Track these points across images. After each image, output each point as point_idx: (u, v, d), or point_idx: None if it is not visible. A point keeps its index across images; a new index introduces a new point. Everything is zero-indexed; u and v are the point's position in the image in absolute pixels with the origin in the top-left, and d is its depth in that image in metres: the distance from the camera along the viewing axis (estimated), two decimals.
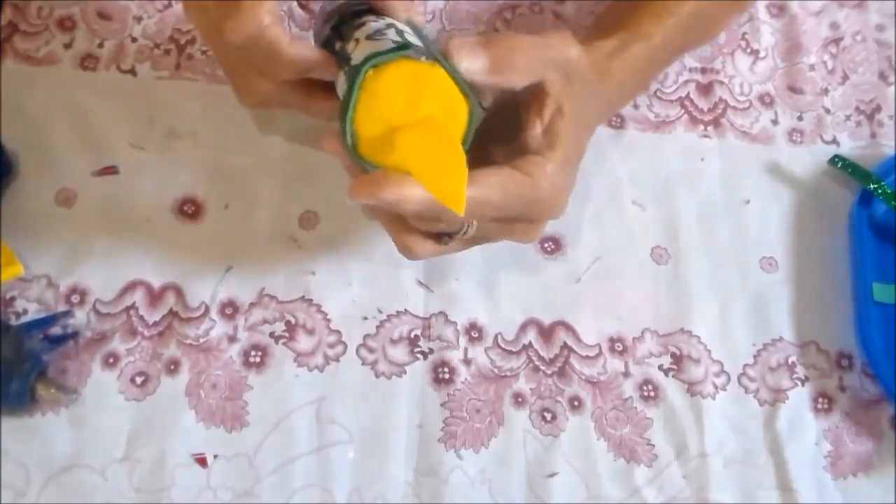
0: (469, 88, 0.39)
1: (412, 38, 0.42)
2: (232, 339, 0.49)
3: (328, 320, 0.50)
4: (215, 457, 0.46)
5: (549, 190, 0.42)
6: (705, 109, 0.59)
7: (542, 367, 0.50)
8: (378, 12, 0.44)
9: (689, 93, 0.59)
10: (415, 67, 0.38)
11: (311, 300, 0.50)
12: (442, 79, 0.38)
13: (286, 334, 0.49)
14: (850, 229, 0.55)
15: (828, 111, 0.60)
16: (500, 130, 0.43)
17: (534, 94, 0.42)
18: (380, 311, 0.50)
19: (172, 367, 0.48)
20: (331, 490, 0.46)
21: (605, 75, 0.46)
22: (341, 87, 0.42)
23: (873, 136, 0.60)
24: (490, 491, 0.47)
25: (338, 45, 0.43)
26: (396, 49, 0.38)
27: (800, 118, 0.60)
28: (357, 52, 0.41)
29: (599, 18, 0.52)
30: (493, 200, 0.40)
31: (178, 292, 0.49)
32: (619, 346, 0.51)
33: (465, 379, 0.49)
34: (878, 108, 0.61)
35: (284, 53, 0.41)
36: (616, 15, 0.50)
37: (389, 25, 0.42)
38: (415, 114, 0.38)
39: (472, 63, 0.39)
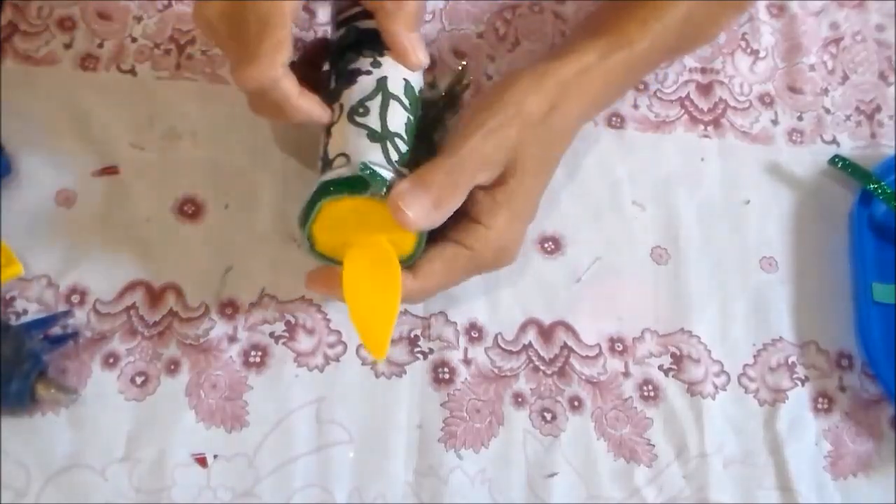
0: None
1: (396, 111, 0.44)
2: (232, 339, 0.49)
3: (328, 320, 0.50)
4: (215, 457, 0.46)
5: (493, 256, 0.46)
6: (705, 109, 0.59)
7: (542, 367, 0.50)
8: (374, 47, 0.46)
9: (689, 93, 0.59)
10: (366, 204, 0.42)
11: (311, 300, 0.50)
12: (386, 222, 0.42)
13: (286, 334, 0.49)
14: (850, 229, 0.55)
15: (828, 111, 0.60)
16: None
17: None
18: None
19: (172, 367, 0.48)
20: (331, 490, 0.46)
21: (579, 96, 0.47)
22: (321, 140, 0.46)
23: (873, 136, 0.60)
24: (490, 491, 0.47)
25: (332, 83, 0.46)
26: (354, 189, 0.41)
27: (800, 118, 0.60)
28: (335, 132, 0.44)
29: (589, 19, 0.52)
30: (440, 283, 0.45)
31: (178, 292, 0.49)
32: (619, 346, 0.51)
33: (465, 379, 0.49)
34: (878, 109, 0.61)
35: (292, 106, 0.43)
36: (604, 17, 0.50)
37: (379, 88, 0.45)
38: (366, 238, 0.43)
39: (417, 211, 0.41)
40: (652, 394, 0.50)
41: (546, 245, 0.53)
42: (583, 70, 0.47)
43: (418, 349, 0.50)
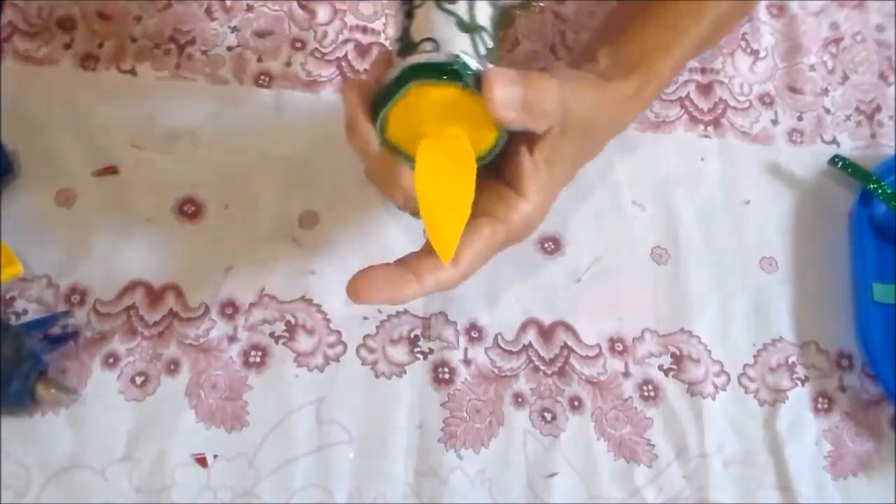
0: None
1: (483, 6, 0.42)
2: (232, 339, 0.49)
3: (328, 320, 0.50)
4: (215, 457, 0.46)
5: (526, 228, 0.44)
6: (705, 109, 0.59)
7: (542, 367, 0.50)
8: None
9: (689, 93, 0.59)
10: (455, 95, 0.39)
11: (311, 300, 0.50)
12: (478, 108, 0.39)
13: (286, 334, 0.49)
14: (850, 229, 0.55)
15: (828, 111, 0.60)
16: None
17: (527, 137, 0.43)
18: (380, 311, 0.50)
19: (172, 367, 0.48)
20: (331, 490, 0.46)
21: (615, 115, 0.48)
22: (393, 54, 0.42)
23: (873, 136, 0.60)
24: (490, 491, 0.47)
25: None
26: (446, 75, 0.39)
27: (800, 118, 0.60)
28: (419, 15, 0.42)
29: (615, 47, 0.50)
30: (480, 265, 0.43)
31: (178, 292, 0.49)
32: (619, 346, 0.51)
33: (465, 379, 0.49)
34: (878, 109, 0.61)
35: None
36: (631, 45, 0.50)
37: None
38: (444, 131, 0.40)
39: (507, 98, 0.39)
40: (652, 394, 0.50)
41: (546, 245, 0.53)
42: (623, 100, 0.47)
43: (418, 349, 0.50)
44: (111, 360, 0.47)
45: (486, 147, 0.41)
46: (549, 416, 0.49)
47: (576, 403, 0.50)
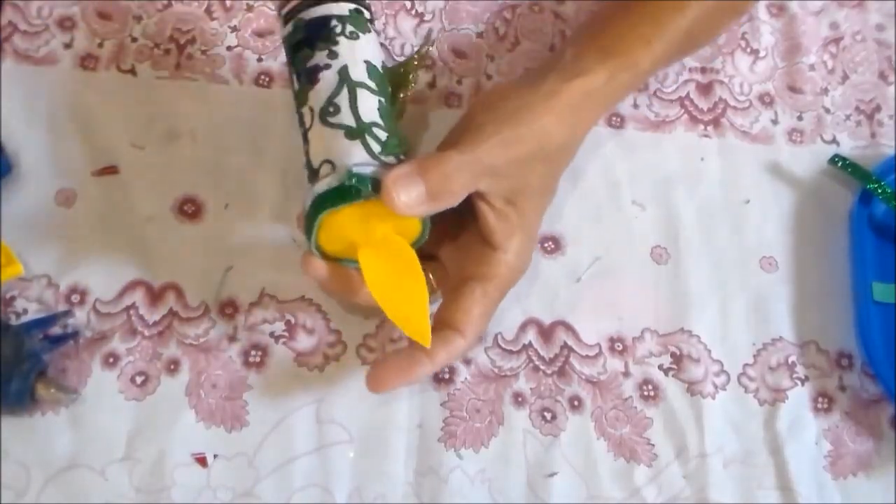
0: None
1: (366, 98, 0.44)
2: (232, 338, 0.49)
3: (328, 320, 0.50)
4: (215, 456, 0.46)
5: (514, 277, 0.47)
6: (705, 109, 0.59)
7: (542, 367, 0.50)
8: (327, 37, 0.45)
9: (688, 92, 0.59)
10: (364, 206, 0.42)
11: (310, 300, 0.50)
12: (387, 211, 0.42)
13: (286, 334, 0.49)
14: (850, 229, 0.55)
15: (828, 111, 0.60)
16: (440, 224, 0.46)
17: (476, 195, 0.44)
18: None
19: (172, 366, 0.48)
20: (331, 490, 0.46)
21: (579, 120, 0.48)
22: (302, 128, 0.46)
23: (873, 135, 0.60)
24: (490, 491, 0.47)
25: (295, 85, 0.46)
26: (346, 198, 0.41)
27: (800, 118, 0.60)
28: (312, 137, 0.44)
29: (592, 30, 0.51)
30: (484, 325, 0.46)
31: (178, 292, 0.49)
32: (618, 346, 0.51)
33: (465, 378, 0.49)
34: (878, 108, 0.61)
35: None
36: (608, 33, 0.50)
37: (342, 80, 0.44)
38: (371, 235, 0.43)
39: (411, 197, 0.41)
40: (652, 393, 0.50)
41: (546, 245, 0.53)
42: (591, 92, 0.48)
43: None
44: (111, 360, 0.47)
45: (416, 232, 0.44)
46: (548, 416, 0.49)
47: (576, 403, 0.50)
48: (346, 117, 0.43)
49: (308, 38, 0.45)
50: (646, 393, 0.50)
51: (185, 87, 0.55)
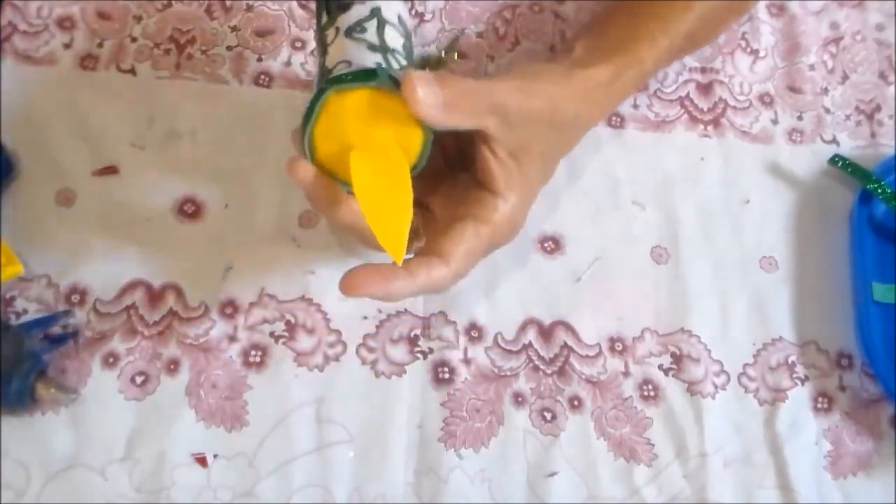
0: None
1: (393, 34, 0.43)
2: (232, 338, 0.49)
3: (328, 320, 0.50)
4: (215, 456, 0.46)
5: (509, 229, 0.45)
6: (705, 109, 0.59)
7: (542, 367, 0.50)
8: None
9: (688, 92, 0.59)
10: (375, 96, 0.40)
11: (310, 300, 0.50)
12: (400, 107, 0.40)
13: (286, 334, 0.49)
14: (850, 229, 0.55)
15: (828, 111, 0.60)
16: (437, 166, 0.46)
17: (481, 137, 0.43)
18: (379, 311, 0.50)
19: (172, 366, 0.48)
20: (331, 490, 0.46)
21: (586, 110, 0.48)
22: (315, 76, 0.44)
23: (873, 135, 0.60)
24: (490, 490, 0.47)
25: (323, 19, 0.44)
26: (361, 78, 0.40)
27: (800, 118, 0.60)
28: (332, 49, 0.43)
29: (599, 29, 0.52)
30: (469, 264, 0.44)
31: (179, 292, 0.49)
32: (618, 346, 0.51)
33: (465, 378, 0.49)
34: (878, 108, 0.61)
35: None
36: (614, 32, 0.50)
37: (373, 13, 0.43)
38: (370, 137, 0.41)
39: (428, 97, 0.40)
40: (652, 393, 0.50)
41: (546, 245, 0.53)
42: (598, 85, 0.48)
43: (418, 349, 0.50)
44: (111, 360, 0.47)
45: (417, 150, 0.42)
46: (548, 416, 0.49)
47: (576, 403, 0.50)
48: (372, 37, 0.43)
49: None
50: (646, 393, 0.50)
51: (185, 87, 0.55)
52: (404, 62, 0.43)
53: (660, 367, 0.51)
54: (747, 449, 0.50)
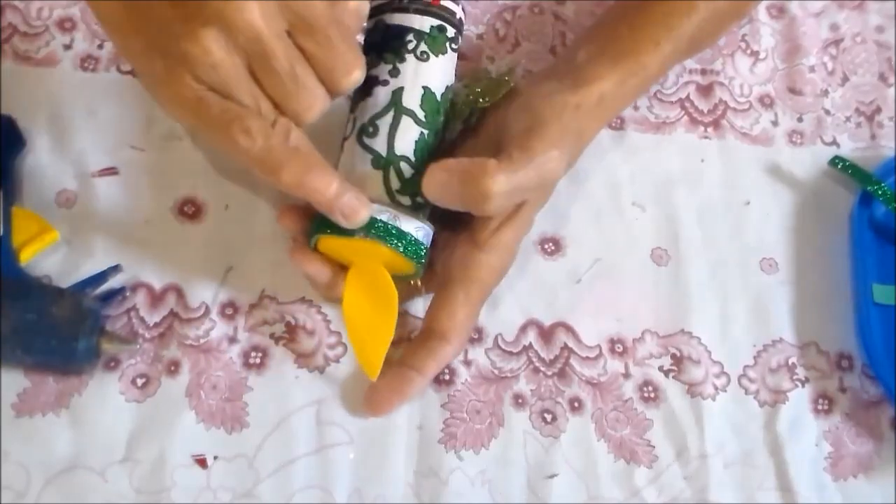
0: (415, 253, 0.45)
1: (411, 122, 0.45)
2: (232, 340, 0.49)
3: (328, 321, 0.50)
4: (215, 458, 0.46)
5: (497, 278, 0.49)
6: (705, 111, 0.59)
7: (543, 369, 0.50)
8: (397, 50, 0.45)
9: (689, 94, 0.59)
10: (359, 244, 0.44)
11: (311, 301, 0.50)
12: (385, 251, 0.44)
13: (286, 335, 0.49)
14: (850, 230, 0.55)
15: (828, 112, 0.60)
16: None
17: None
18: None
19: (173, 367, 0.48)
20: (331, 491, 0.46)
21: (589, 117, 0.48)
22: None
23: (873, 137, 0.60)
24: (490, 492, 0.47)
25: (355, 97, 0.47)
26: (345, 231, 0.43)
27: (800, 119, 0.60)
28: (346, 146, 0.46)
29: (602, 35, 0.51)
30: (468, 324, 0.49)
31: (179, 293, 0.49)
32: (619, 348, 0.51)
33: (465, 380, 0.49)
34: (878, 110, 0.61)
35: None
36: (618, 38, 0.50)
37: (392, 102, 0.45)
38: (364, 261, 0.45)
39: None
40: (652, 395, 0.50)
41: (546, 246, 0.53)
42: (602, 97, 0.48)
43: None
44: (112, 364, 0.47)
45: (410, 271, 0.46)
46: (549, 417, 0.49)
47: (576, 404, 0.50)
48: (380, 144, 0.45)
49: (380, 44, 0.46)
50: (646, 394, 0.50)
51: None
52: (409, 172, 0.45)
53: (660, 368, 0.51)
54: (748, 450, 0.50)
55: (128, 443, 0.46)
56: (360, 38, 0.47)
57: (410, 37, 0.45)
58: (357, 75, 0.40)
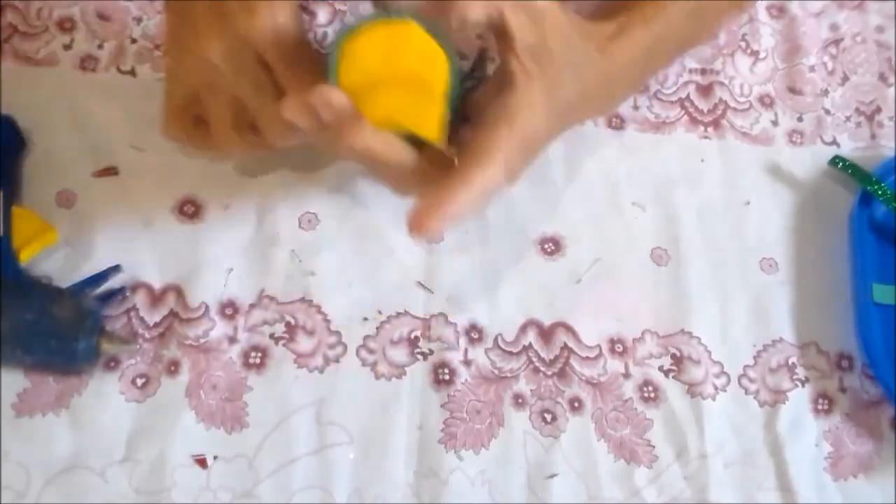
0: (447, 42, 0.40)
1: None
2: (232, 339, 0.49)
3: (328, 321, 0.50)
4: (215, 458, 0.46)
5: (541, 117, 0.43)
6: (705, 110, 0.59)
7: (543, 368, 0.50)
8: None
9: (689, 94, 0.59)
10: (388, 27, 0.39)
11: (310, 301, 0.50)
12: (417, 34, 0.39)
13: (286, 335, 0.49)
14: (850, 230, 0.55)
15: (828, 112, 0.60)
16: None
17: (502, 38, 0.41)
18: (380, 313, 0.50)
19: (172, 367, 0.48)
20: (331, 491, 0.46)
21: (603, 50, 0.46)
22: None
23: (873, 137, 0.60)
24: (490, 492, 0.47)
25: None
26: (380, 15, 0.39)
27: (800, 119, 0.60)
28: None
29: (602, 4, 0.50)
30: (515, 161, 0.42)
31: (179, 293, 0.49)
32: (619, 348, 0.51)
33: (466, 380, 0.49)
34: (878, 110, 0.61)
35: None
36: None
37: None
38: (395, 70, 0.39)
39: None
40: (652, 395, 0.50)
41: (546, 246, 0.53)
42: (603, 37, 0.46)
43: (418, 350, 0.50)
44: (112, 364, 0.47)
45: (444, 72, 0.41)
46: (549, 417, 0.49)
47: (576, 404, 0.50)
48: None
49: None
50: (646, 394, 0.50)
51: None
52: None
53: (660, 368, 0.51)
54: (748, 450, 0.50)
55: (128, 443, 0.46)
56: None
57: None
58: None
